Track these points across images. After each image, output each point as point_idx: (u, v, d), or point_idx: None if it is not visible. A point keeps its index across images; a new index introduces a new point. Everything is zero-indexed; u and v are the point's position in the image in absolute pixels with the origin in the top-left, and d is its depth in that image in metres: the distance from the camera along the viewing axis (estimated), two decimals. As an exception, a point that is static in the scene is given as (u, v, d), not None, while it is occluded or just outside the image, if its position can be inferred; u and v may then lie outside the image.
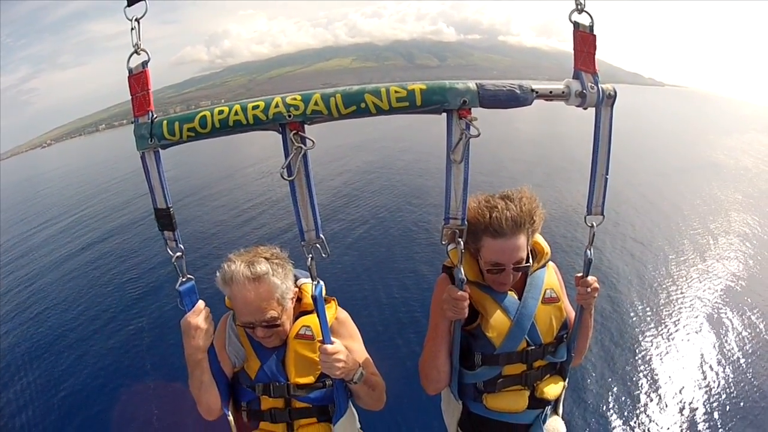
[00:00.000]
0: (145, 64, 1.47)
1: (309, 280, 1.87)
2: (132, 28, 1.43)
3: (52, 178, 35.60)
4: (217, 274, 1.71)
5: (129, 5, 1.43)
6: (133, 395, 5.92)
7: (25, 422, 5.75)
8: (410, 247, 9.61)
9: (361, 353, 1.88)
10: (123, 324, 7.85)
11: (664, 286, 8.23)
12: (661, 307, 7.48)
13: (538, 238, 1.91)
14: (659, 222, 11.51)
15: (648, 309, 7.40)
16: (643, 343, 6.48)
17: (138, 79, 1.47)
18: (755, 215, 12.29)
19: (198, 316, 1.62)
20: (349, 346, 1.77)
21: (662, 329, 6.85)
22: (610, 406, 5.29)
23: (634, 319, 7.08)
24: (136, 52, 1.45)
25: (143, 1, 1.43)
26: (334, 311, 1.88)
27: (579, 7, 1.48)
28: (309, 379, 1.79)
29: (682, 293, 7.97)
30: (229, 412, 1.82)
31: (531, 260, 1.85)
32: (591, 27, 1.51)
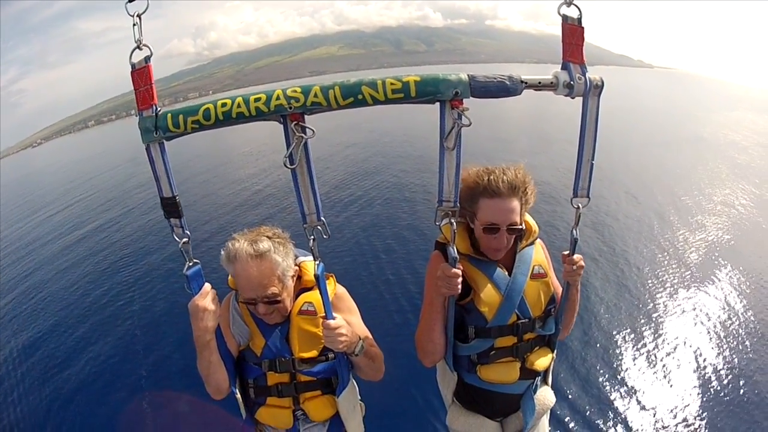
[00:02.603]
0: (147, 59, 1.49)
1: (308, 258, 1.94)
2: (134, 24, 1.44)
3: (42, 176, 35.47)
4: (222, 252, 1.77)
5: (130, 0, 1.44)
6: (130, 391, 5.93)
7: (14, 419, 5.75)
8: (405, 224, 9.77)
9: (359, 326, 1.97)
10: (121, 318, 7.89)
11: (648, 253, 8.54)
12: (646, 275, 7.76)
13: (527, 216, 1.99)
14: (643, 192, 11.96)
15: (632, 278, 7.66)
16: (627, 313, 6.71)
17: (141, 73, 1.50)
18: (741, 184, 12.93)
19: (205, 298, 1.67)
20: (348, 320, 1.85)
21: (647, 297, 7.11)
22: (596, 374, 5.51)
23: (619, 289, 7.32)
24: (138, 47, 1.46)
25: None
26: (333, 287, 1.95)
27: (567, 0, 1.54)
28: (313, 353, 1.87)
29: (667, 259, 8.30)
30: (237, 390, 1.90)
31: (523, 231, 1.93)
32: (579, 19, 1.56)
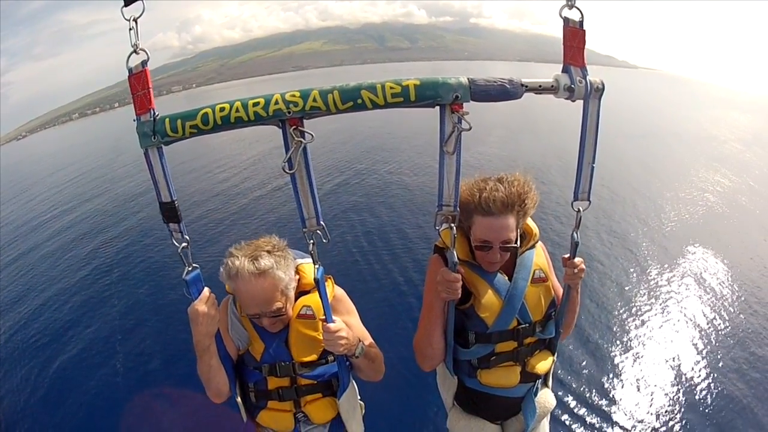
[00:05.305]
0: (144, 63, 1.48)
1: (306, 260, 1.95)
2: (130, 28, 1.43)
3: (28, 165, 35.61)
4: (221, 269, 1.74)
5: (126, 5, 1.42)
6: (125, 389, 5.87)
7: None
8: (405, 226, 9.71)
9: (358, 328, 1.96)
10: (104, 300, 8.05)
11: (636, 248, 8.77)
12: (638, 271, 7.91)
13: (528, 220, 1.96)
14: (621, 181, 12.53)
15: (625, 274, 7.80)
16: (621, 311, 6.77)
17: (138, 78, 1.49)
18: (716, 173, 14.05)
19: (205, 303, 1.66)
20: (347, 322, 1.84)
21: (640, 294, 7.22)
22: (596, 375, 5.50)
23: (613, 287, 7.39)
24: (135, 51, 1.45)
25: (140, 1, 1.42)
26: (331, 289, 1.93)
27: (569, 2, 1.51)
28: (312, 357, 1.87)
29: (654, 253, 8.56)
30: (237, 394, 1.89)
31: (520, 242, 1.91)
32: (581, 22, 1.54)
